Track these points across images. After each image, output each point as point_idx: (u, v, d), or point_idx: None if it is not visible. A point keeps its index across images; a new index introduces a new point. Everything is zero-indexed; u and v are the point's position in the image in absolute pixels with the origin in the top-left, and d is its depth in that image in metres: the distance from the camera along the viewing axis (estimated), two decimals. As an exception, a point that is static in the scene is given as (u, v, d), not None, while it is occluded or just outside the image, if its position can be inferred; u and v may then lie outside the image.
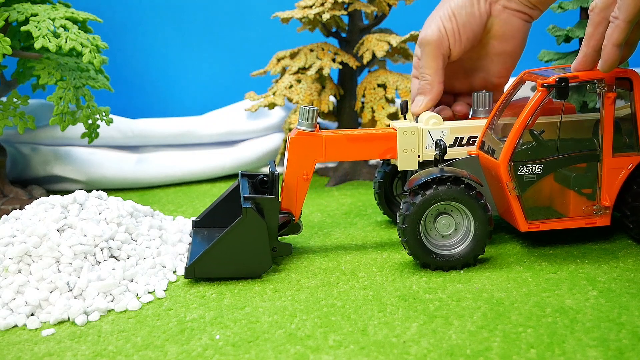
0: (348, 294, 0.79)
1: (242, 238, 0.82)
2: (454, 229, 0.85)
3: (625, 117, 0.85)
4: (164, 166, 1.32)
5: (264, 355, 0.66)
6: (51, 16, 1.06)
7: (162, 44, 1.55)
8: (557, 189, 0.87)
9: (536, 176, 0.85)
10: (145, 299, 0.79)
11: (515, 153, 0.84)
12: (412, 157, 0.91)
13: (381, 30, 1.33)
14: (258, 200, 0.84)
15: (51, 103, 1.22)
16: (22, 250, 0.79)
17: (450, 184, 0.82)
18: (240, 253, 0.82)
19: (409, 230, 0.82)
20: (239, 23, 1.56)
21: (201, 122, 1.38)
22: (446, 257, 0.83)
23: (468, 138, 0.92)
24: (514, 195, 0.84)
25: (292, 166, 0.89)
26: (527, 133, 0.84)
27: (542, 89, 0.82)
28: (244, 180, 0.92)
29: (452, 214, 0.84)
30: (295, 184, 0.89)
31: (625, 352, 0.64)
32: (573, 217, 0.86)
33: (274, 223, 0.85)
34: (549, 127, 0.85)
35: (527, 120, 0.83)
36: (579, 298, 0.75)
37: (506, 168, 0.84)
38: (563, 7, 1.18)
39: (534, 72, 0.88)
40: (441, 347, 0.66)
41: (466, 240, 0.84)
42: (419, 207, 0.82)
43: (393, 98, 1.25)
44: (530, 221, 0.85)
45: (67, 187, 1.28)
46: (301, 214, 0.91)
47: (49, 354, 0.68)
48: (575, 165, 0.85)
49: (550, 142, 0.85)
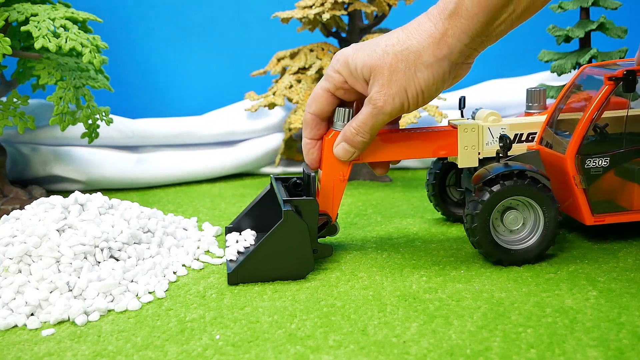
0: (348, 294, 0.79)
1: (284, 241, 0.82)
2: (522, 223, 0.85)
3: None
4: (164, 166, 1.32)
5: (264, 355, 0.66)
6: (51, 16, 1.06)
7: (162, 44, 1.55)
8: (619, 183, 0.87)
9: (603, 169, 0.86)
10: (145, 299, 0.79)
11: (582, 146, 0.84)
12: (473, 154, 0.91)
13: (381, 30, 1.33)
14: (297, 202, 0.84)
15: (51, 103, 1.22)
16: (22, 250, 0.79)
17: (518, 179, 0.82)
18: (282, 256, 0.82)
19: (479, 229, 0.82)
20: (239, 23, 1.56)
21: (201, 122, 1.38)
22: (520, 251, 0.84)
23: (527, 134, 0.92)
24: (580, 188, 0.85)
25: (328, 167, 0.87)
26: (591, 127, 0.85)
27: (610, 82, 0.83)
28: (278, 184, 0.92)
29: (519, 208, 0.85)
30: (332, 185, 0.88)
31: (625, 352, 0.64)
32: (637, 210, 0.87)
33: (314, 225, 0.85)
34: (614, 121, 0.86)
35: (595, 114, 0.84)
36: (579, 298, 0.75)
37: (573, 161, 0.85)
38: (563, 7, 1.18)
39: (593, 66, 0.89)
40: (441, 347, 0.66)
41: (536, 233, 0.84)
42: (488, 203, 0.82)
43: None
44: (596, 215, 0.86)
45: (67, 187, 1.28)
46: (337, 216, 0.90)
47: (49, 354, 0.68)
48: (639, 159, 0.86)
49: (616, 135, 0.86)
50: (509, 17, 0.76)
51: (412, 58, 0.78)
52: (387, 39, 0.80)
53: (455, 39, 0.77)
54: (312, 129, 0.87)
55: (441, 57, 0.78)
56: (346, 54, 0.82)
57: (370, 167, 0.92)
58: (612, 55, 1.17)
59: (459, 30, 0.77)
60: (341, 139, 0.85)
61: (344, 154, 0.85)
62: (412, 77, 0.79)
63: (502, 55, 1.62)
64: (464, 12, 0.76)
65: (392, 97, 0.80)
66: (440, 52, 0.78)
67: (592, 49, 1.17)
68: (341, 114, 0.85)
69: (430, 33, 0.78)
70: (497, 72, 1.58)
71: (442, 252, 0.90)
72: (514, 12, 0.76)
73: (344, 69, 0.82)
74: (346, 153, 0.85)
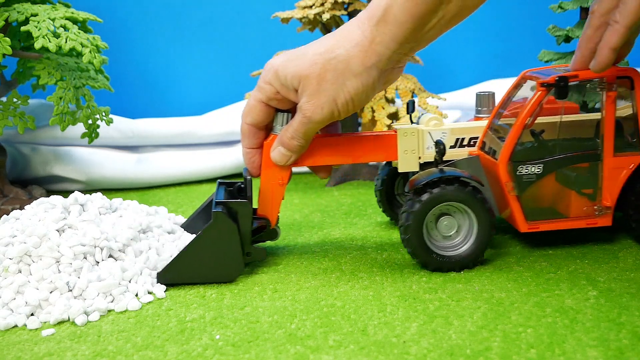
0: (348, 294, 0.79)
1: (213, 242, 0.81)
2: (455, 229, 0.85)
3: (627, 117, 0.85)
4: (164, 166, 1.32)
5: (264, 355, 0.66)
6: (51, 16, 1.06)
7: (162, 43, 1.55)
8: (559, 190, 0.87)
9: (536, 176, 0.84)
10: (145, 299, 0.79)
11: (514, 153, 0.84)
12: (413, 158, 0.91)
13: (381, 30, 1.33)
14: (229, 204, 0.83)
15: (51, 103, 1.22)
16: (22, 250, 0.79)
17: (446, 185, 0.82)
18: (211, 258, 0.82)
19: (411, 228, 0.82)
20: (239, 23, 1.56)
21: (201, 122, 1.38)
22: (446, 257, 0.83)
23: (469, 139, 0.92)
24: (513, 195, 0.84)
25: (268, 172, 0.87)
26: (527, 133, 0.84)
27: (542, 88, 0.82)
28: (220, 188, 0.91)
29: (455, 215, 0.84)
30: (271, 189, 0.87)
31: (625, 352, 0.64)
32: (574, 217, 0.86)
33: (247, 227, 0.84)
34: (550, 127, 0.85)
35: (526, 120, 0.83)
36: (579, 298, 0.75)
37: (505, 168, 0.84)
38: (563, 7, 1.18)
39: (534, 71, 0.88)
40: (441, 347, 0.66)
41: (470, 238, 0.84)
42: (423, 206, 0.82)
43: (393, 98, 1.25)
44: (530, 222, 0.85)
45: (67, 187, 1.28)
46: (278, 220, 0.89)
47: (49, 354, 0.68)
48: (576, 165, 0.85)
49: (551, 142, 0.85)
50: (438, 22, 0.75)
51: (340, 67, 0.77)
52: (315, 47, 0.79)
53: (384, 47, 0.76)
54: (251, 138, 0.86)
55: (369, 65, 0.77)
56: (275, 65, 0.81)
57: (312, 171, 0.92)
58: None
59: (387, 38, 0.76)
60: (278, 143, 0.85)
61: (281, 158, 0.85)
62: (341, 87, 0.78)
63: (502, 55, 1.62)
64: (392, 19, 0.75)
65: (320, 107, 0.79)
66: (369, 61, 0.77)
67: (592, 49, 1.16)
68: (280, 118, 0.85)
69: (358, 41, 0.77)
70: (497, 72, 1.58)
71: (442, 252, 0.90)
72: (443, 17, 0.75)
73: (275, 80, 0.81)
74: (282, 157, 0.85)
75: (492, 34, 1.62)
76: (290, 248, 0.95)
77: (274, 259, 0.90)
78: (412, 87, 1.24)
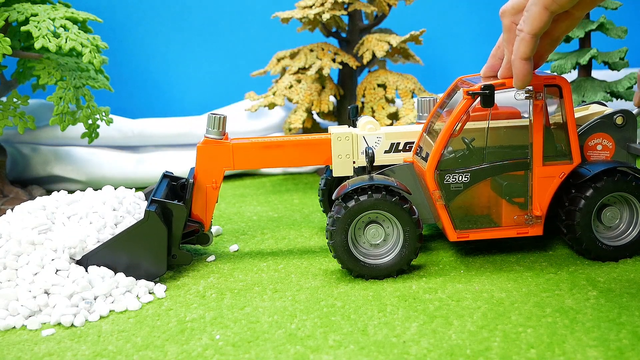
0: (348, 294, 0.79)
1: (140, 239, 0.81)
2: (383, 238, 0.83)
3: (556, 125, 0.83)
4: (164, 166, 1.32)
5: (264, 355, 0.66)
6: (51, 16, 1.06)
7: (162, 43, 1.55)
8: (491, 198, 0.85)
9: (463, 185, 0.83)
10: (145, 299, 0.79)
11: (441, 162, 0.82)
12: (347, 163, 0.89)
13: (381, 30, 1.33)
14: (165, 205, 0.83)
15: (51, 103, 1.22)
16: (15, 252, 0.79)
17: (372, 193, 0.80)
18: (136, 254, 0.81)
19: (336, 234, 0.81)
20: (239, 23, 1.56)
21: (201, 122, 1.38)
22: (371, 265, 0.82)
23: (404, 144, 0.90)
24: (441, 204, 0.83)
25: (201, 175, 0.87)
26: (455, 141, 0.82)
27: (467, 96, 0.80)
28: (164, 181, 0.90)
29: (384, 224, 0.83)
30: (205, 192, 0.87)
31: (625, 352, 0.64)
32: (505, 226, 0.84)
33: (179, 231, 0.84)
34: (481, 134, 0.83)
35: (453, 128, 0.80)
36: (579, 298, 0.75)
37: (432, 177, 0.82)
38: (563, 7, 1.18)
39: (467, 78, 0.86)
40: (441, 347, 0.66)
41: (397, 247, 0.83)
42: (349, 213, 0.80)
43: (393, 98, 1.25)
44: (458, 230, 0.84)
45: (67, 187, 1.28)
46: (212, 225, 0.88)
47: (49, 354, 0.68)
48: (507, 173, 0.83)
49: (480, 150, 0.83)
50: None
51: None
52: None
53: None
54: None
55: None
56: None
57: None
58: (612, 56, 1.17)
59: None
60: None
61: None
62: None
63: (502, 55, 1.62)
64: None
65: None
66: None
67: (592, 49, 1.17)
68: (212, 121, 0.85)
69: None
70: (497, 72, 1.58)
71: (442, 252, 0.90)
72: None
73: None
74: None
75: (492, 34, 1.61)
76: (290, 248, 0.95)
77: (274, 259, 0.91)
78: (412, 87, 1.24)
